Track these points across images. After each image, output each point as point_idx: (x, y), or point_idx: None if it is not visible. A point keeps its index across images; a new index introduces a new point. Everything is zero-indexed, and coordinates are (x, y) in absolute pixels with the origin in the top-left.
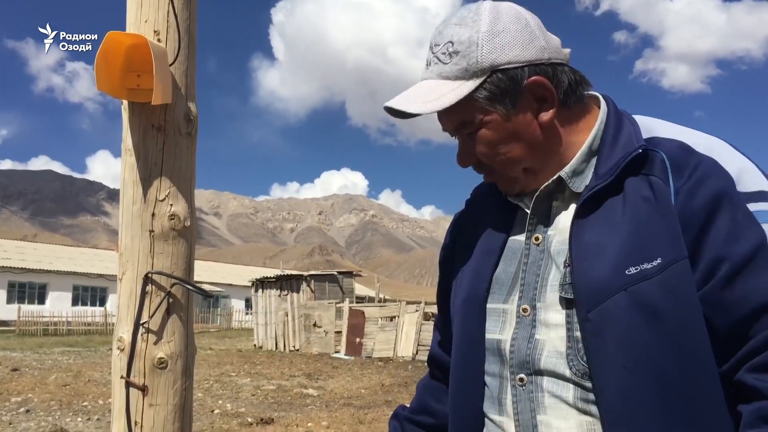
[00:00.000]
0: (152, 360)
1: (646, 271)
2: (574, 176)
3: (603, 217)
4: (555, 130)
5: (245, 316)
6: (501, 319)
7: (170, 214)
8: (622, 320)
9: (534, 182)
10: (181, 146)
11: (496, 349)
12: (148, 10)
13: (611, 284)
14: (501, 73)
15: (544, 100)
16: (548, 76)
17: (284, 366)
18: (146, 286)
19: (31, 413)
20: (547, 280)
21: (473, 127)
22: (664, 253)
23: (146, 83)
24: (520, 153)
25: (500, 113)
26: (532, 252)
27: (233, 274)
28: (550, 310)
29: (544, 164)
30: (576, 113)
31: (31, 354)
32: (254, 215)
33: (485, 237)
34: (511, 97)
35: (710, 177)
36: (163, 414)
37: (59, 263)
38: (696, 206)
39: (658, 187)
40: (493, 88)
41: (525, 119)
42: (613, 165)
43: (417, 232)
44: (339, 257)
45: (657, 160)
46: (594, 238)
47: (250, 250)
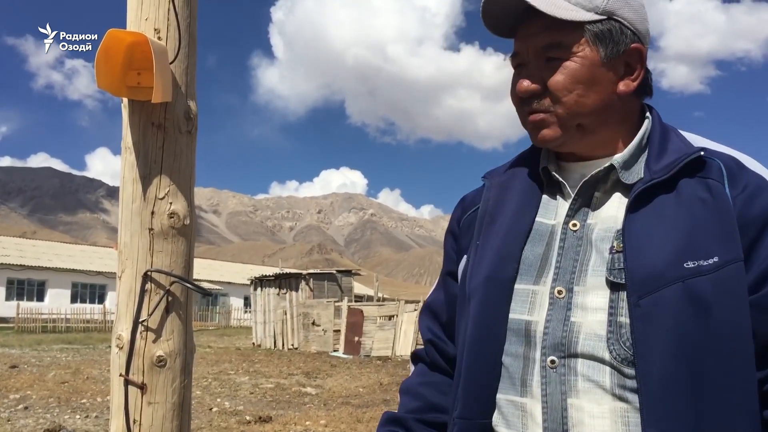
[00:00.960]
0: (151, 358)
1: (702, 267)
2: (625, 167)
3: (654, 212)
4: (624, 107)
5: (244, 314)
6: (530, 300)
7: (170, 212)
8: (675, 310)
9: (569, 145)
10: (181, 144)
11: (524, 330)
12: (149, 8)
13: (668, 274)
14: (617, 23)
15: (632, 72)
16: (644, 55)
17: (283, 364)
18: (145, 284)
19: (30, 410)
20: (588, 264)
21: (565, 53)
22: (721, 253)
23: (146, 81)
24: (591, 103)
25: (598, 54)
26: (568, 237)
27: (232, 272)
28: (590, 294)
29: (595, 134)
30: (635, 107)
31: (29, 351)
32: (253, 213)
33: (509, 218)
34: (614, 47)
35: (764, 192)
36: (162, 412)
37: (58, 260)
38: (753, 215)
39: (716, 189)
40: (605, 30)
41: (609, 76)
42: (669, 163)
43: (416, 231)
44: (338, 256)
45: (714, 167)
46: (647, 230)
47: (249, 248)
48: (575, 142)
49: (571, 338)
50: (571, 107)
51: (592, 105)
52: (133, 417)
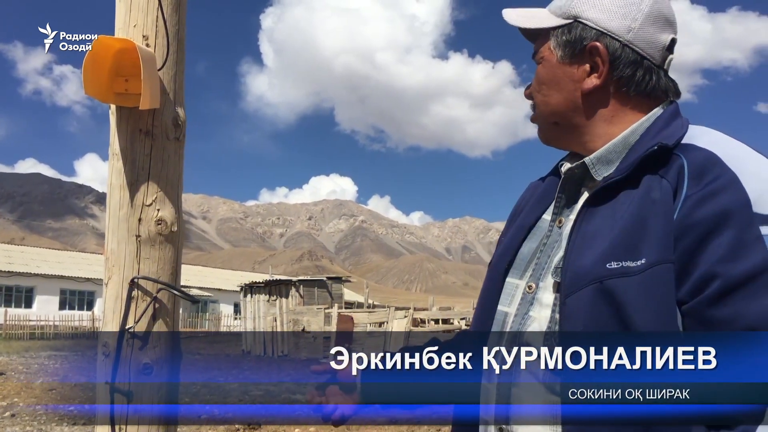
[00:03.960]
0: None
1: (629, 268)
2: (600, 164)
3: (611, 209)
4: (596, 104)
5: (233, 320)
6: (512, 293)
7: (157, 219)
8: (591, 310)
9: (561, 143)
10: (169, 151)
11: (501, 321)
12: (137, 14)
13: (590, 274)
14: (579, 25)
15: (595, 69)
16: (612, 51)
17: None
18: (132, 291)
19: (17, 417)
20: (553, 261)
21: (538, 58)
22: (650, 254)
23: (134, 88)
24: (556, 102)
25: (557, 56)
26: (553, 233)
27: (222, 278)
28: (546, 291)
29: (573, 131)
30: (633, 104)
31: (17, 358)
32: (244, 220)
33: (524, 213)
34: (572, 48)
35: (724, 191)
36: (148, 419)
37: (46, 266)
38: (700, 216)
39: (665, 191)
40: (566, 33)
41: (572, 75)
42: (633, 160)
43: (406, 238)
44: (328, 262)
45: (675, 165)
46: (593, 228)
47: (240, 255)
48: (564, 140)
49: (522, 331)
50: (541, 107)
51: (555, 104)
52: (119, 425)
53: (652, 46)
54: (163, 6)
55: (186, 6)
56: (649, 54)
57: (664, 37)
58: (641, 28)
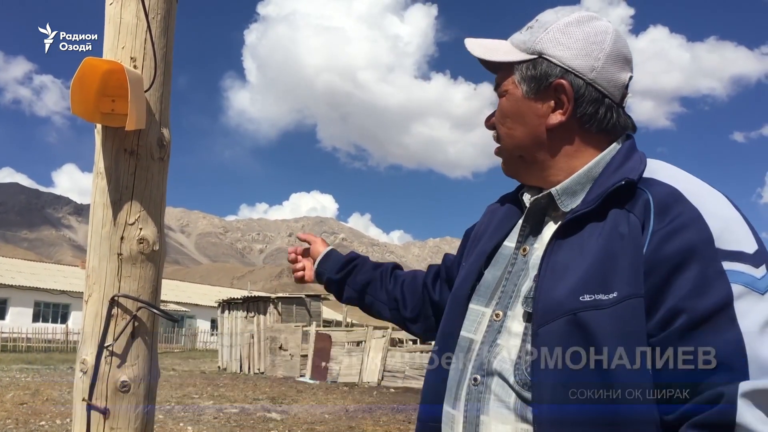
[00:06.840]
0: (115, 383)
1: (600, 301)
2: (565, 195)
3: (579, 241)
4: (560, 139)
5: (210, 336)
6: (477, 320)
7: (139, 237)
8: (564, 342)
9: (523, 176)
10: (153, 171)
11: (466, 347)
12: (126, 36)
13: (563, 306)
14: (544, 62)
15: (559, 105)
16: (576, 88)
17: (248, 389)
18: (112, 309)
19: None
20: (521, 291)
21: (502, 91)
22: (621, 288)
23: (121, 108)
24: (520, 136)
25: (522, 91)
26: (518, 262)
27: (199, 293)
28: (515, 320)
29: (537, 165)
30: (593, 140)
31: None
32: (223, 235)
33: (486, 239)
34: (537, 83)
35: (688, 228)
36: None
37: (21, 278)
38: (666, 253)
39: (633, 226)
40: (530, 68)
41: (537, 110)
42: (600, 194)
43: (387, 257)
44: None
45: (641, 200)
46: (563, 260)
47: (218, 270)
48: (527, 173)
49: (491, 359)
50: (505, 140)
51: (520, 137)
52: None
53: (613, 84)
54: (151, 29)
55: (174, 29)
56: (610, 92)
57: (623, 76)
58: (603, 68)
